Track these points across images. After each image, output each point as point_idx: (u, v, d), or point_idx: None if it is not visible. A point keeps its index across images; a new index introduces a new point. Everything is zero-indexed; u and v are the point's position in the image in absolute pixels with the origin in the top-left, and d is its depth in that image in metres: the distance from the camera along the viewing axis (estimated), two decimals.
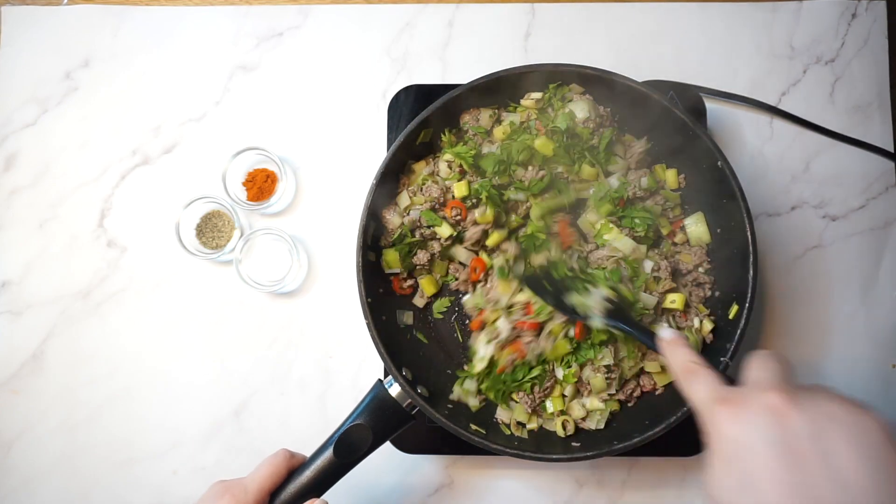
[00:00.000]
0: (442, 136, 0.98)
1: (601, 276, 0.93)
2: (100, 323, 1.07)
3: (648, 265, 0.95)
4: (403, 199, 0.97)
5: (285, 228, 1.06)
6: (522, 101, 0.98)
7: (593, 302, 0.88)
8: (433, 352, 1.01)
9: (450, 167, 0.97)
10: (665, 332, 0.72)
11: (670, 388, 0.94)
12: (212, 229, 1.07)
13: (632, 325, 0.85)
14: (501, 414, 0.95)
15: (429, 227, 0.96)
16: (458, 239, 0.99)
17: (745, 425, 0.53)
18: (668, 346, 0.70)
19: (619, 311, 0.89)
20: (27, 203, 1.10)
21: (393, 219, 0.97)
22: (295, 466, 0.82)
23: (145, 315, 1.08)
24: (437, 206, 0.97)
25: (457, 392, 0.95)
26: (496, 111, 0.99)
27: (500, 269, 0.95)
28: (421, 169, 0.99)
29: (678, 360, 0.66)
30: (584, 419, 0.95)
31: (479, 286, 0.98)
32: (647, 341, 0.79)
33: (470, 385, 0.94)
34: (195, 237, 1.07)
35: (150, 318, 1.07)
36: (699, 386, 0.61)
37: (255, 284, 1.03)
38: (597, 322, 0.87)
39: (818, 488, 0.48)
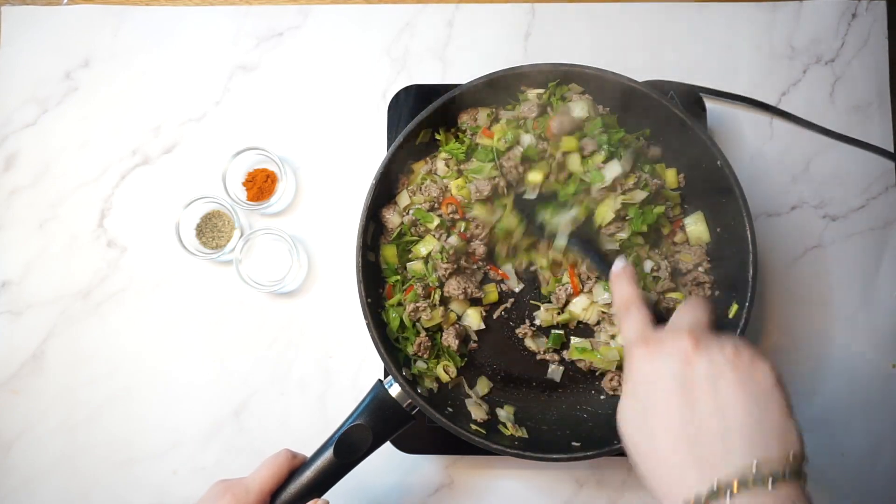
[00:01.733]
0: (436, 134, 0.98)
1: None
2: (100, 323, 1.07)
3: (648, 265, 0.95)
4: (403, 199, 0.97)
5: (285, 228, 1.06)
6: (521, 98, 0.97)
7: (563, 221, 0.89)
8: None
9: (447, 165, 0.97)
10: (616, 264, 0.75)
11: None
12: (212, 229, 1.07)
13: (593, 250, 0.88)
14: (502, 414, 0.95)
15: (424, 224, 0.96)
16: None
17: (655, 364, 0.60)
18: (614, 278, 0.74)
19: (585, 235, 0.91)
20: (27, 203, 1.10)
21: (393, 218, 0.97)
22: (296, 467, 0.82)
23: (145, 315, 1.08)
24: (435, 206, 0.97)
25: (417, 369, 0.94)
26: (494, 110, 0.99)
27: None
28: (420, 168, 0.99)
29: (620, 293, 0.72)
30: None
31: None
32: (602, 269, 0.84)
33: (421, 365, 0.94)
34: (195, 237, 1.07)
35: (150, 318, 1.07)
36: (630, 323, 0.67)
37: (255, 284, 1.03)
38: (561, 241, 0.89)
39: (701, 414, 0.56)
